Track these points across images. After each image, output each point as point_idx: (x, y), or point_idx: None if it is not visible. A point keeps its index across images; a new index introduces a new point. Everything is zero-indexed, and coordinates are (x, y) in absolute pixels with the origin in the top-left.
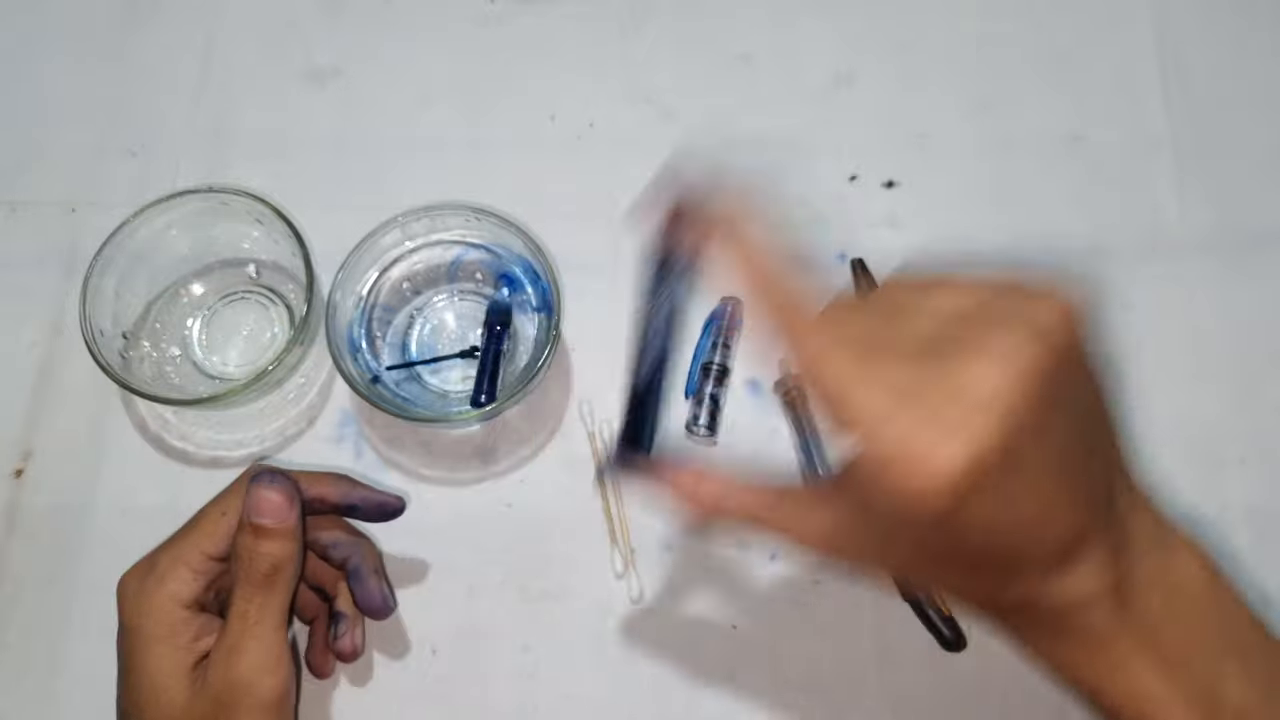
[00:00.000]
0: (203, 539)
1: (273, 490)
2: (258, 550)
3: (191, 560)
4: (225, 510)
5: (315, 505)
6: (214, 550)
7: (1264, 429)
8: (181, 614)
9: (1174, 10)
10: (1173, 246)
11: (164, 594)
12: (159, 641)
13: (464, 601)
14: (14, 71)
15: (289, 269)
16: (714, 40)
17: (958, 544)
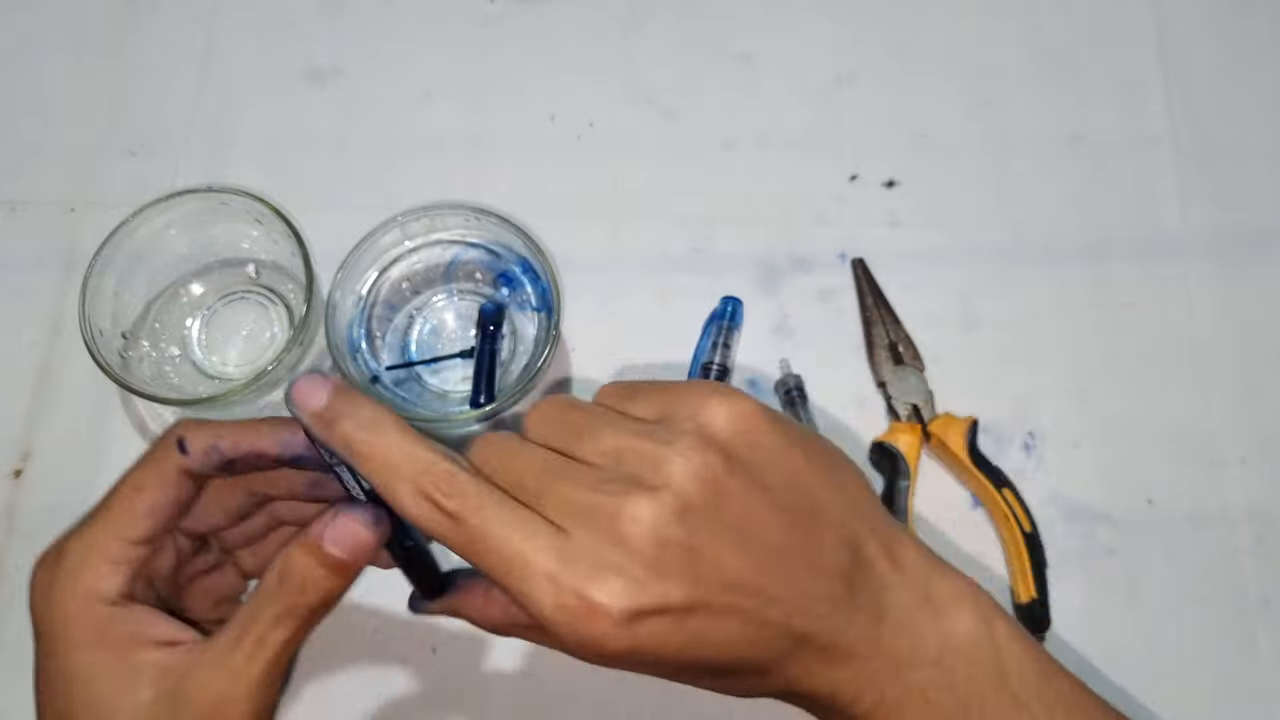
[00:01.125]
0: (118, 524)
1: (366, 527)
2: (316, 580)
3: (109, 550)
4: (141, 485)
5: (250, 462)
6: (134, 535)
7: (1264, 429)
8: (107, 612)
9: (1174, 10)
10: (1173, 246)
11: (80, 592)
12: (86, 649)
13: None
14: (14, 70)
15: (288, 269)
16: (714, 40)
17: (671, 667)
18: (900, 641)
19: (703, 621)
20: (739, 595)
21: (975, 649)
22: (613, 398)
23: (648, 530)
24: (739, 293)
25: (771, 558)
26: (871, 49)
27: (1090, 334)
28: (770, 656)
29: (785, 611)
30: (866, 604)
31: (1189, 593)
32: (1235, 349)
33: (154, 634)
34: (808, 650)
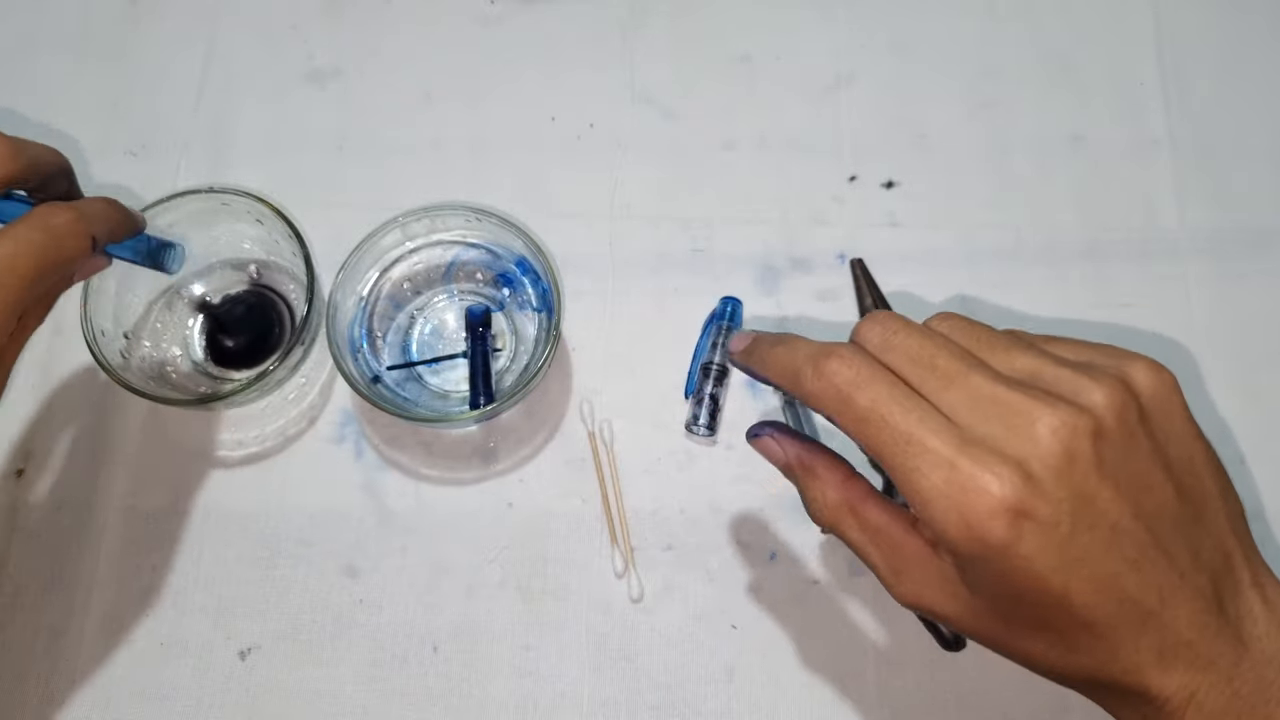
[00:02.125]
0: None
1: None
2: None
3: None
4: None
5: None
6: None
7: (1263, 429)
8: None
9: (1174, 11)
10: (1171, 246)
11: None
12: None
13: (464, 600)
14: (15, 71)
15: (290, 269)
16: (714, 41)
17: (1015, 589)
18: (1267, 677)
19: (1080, 552)
20: (1122, 541)
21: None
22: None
23: (1061, 439)
24: (739, 293)
25: (1158, 521)
26: (871, 49)
27: (1089, 334)
28: (1120, 621)
29: (1155, 579)
30: (1232, 619)
31: None
32: (1233, 349)
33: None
34: (1158, 635)
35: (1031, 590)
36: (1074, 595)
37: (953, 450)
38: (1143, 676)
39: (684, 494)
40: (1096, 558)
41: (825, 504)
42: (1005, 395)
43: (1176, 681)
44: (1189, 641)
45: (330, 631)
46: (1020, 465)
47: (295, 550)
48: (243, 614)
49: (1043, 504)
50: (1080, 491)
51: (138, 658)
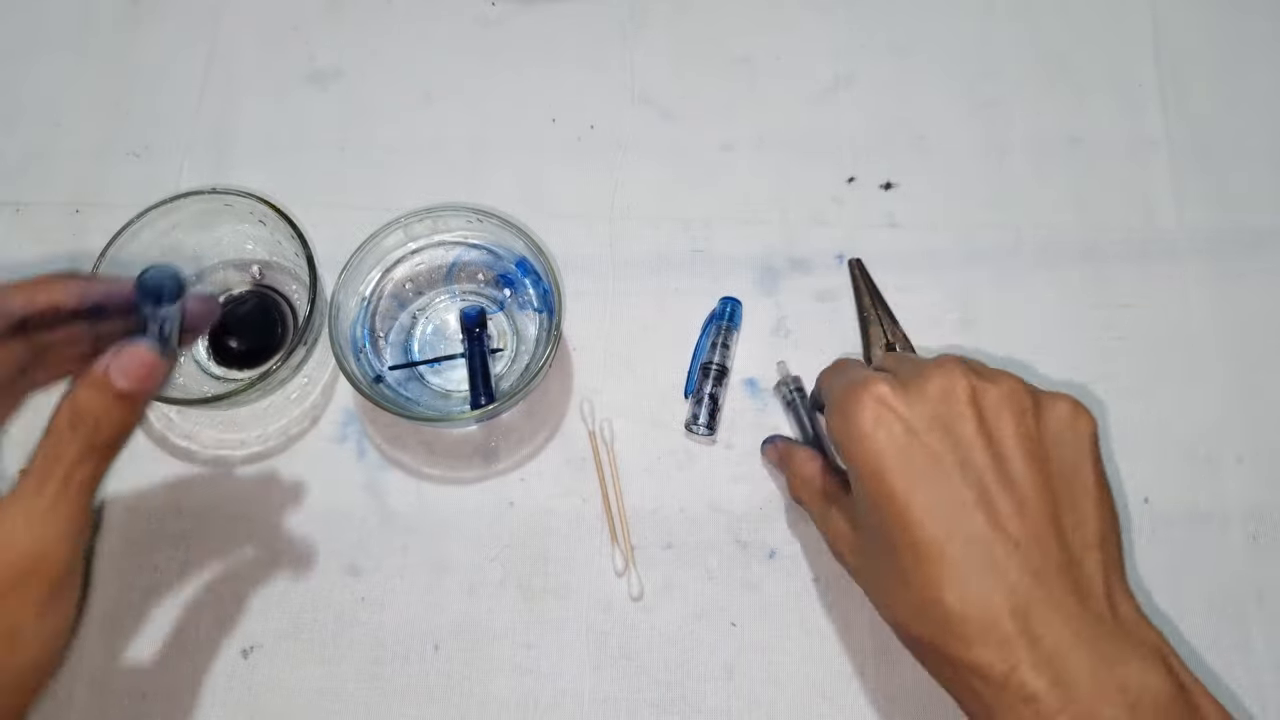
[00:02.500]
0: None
1: (150, 350)
2: (111, 415)
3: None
4: None
5: (48, 318)
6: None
7: (1262, 429)
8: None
9: (1172, 12)
10: (1170, 247)
11: None
12: None
13: (465, 599)
14: (17, 72)
15: (292, 269)
16: (713, 42)
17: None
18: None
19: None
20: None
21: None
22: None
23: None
24: (738, 293)
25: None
26: (870, 51)
27: (1087, 334)
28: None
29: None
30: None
31: (1185, 591)
32: (1232, 348)
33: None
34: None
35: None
36: (913, 509)
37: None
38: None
39: (684, 493)
40: (939, 480)
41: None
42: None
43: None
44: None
45: (332, 630)
46: (902, 381)
47: (297, 549)
48: (244, 613)
49: (905, 407)
50: (942, 415)
51: (139, 657)
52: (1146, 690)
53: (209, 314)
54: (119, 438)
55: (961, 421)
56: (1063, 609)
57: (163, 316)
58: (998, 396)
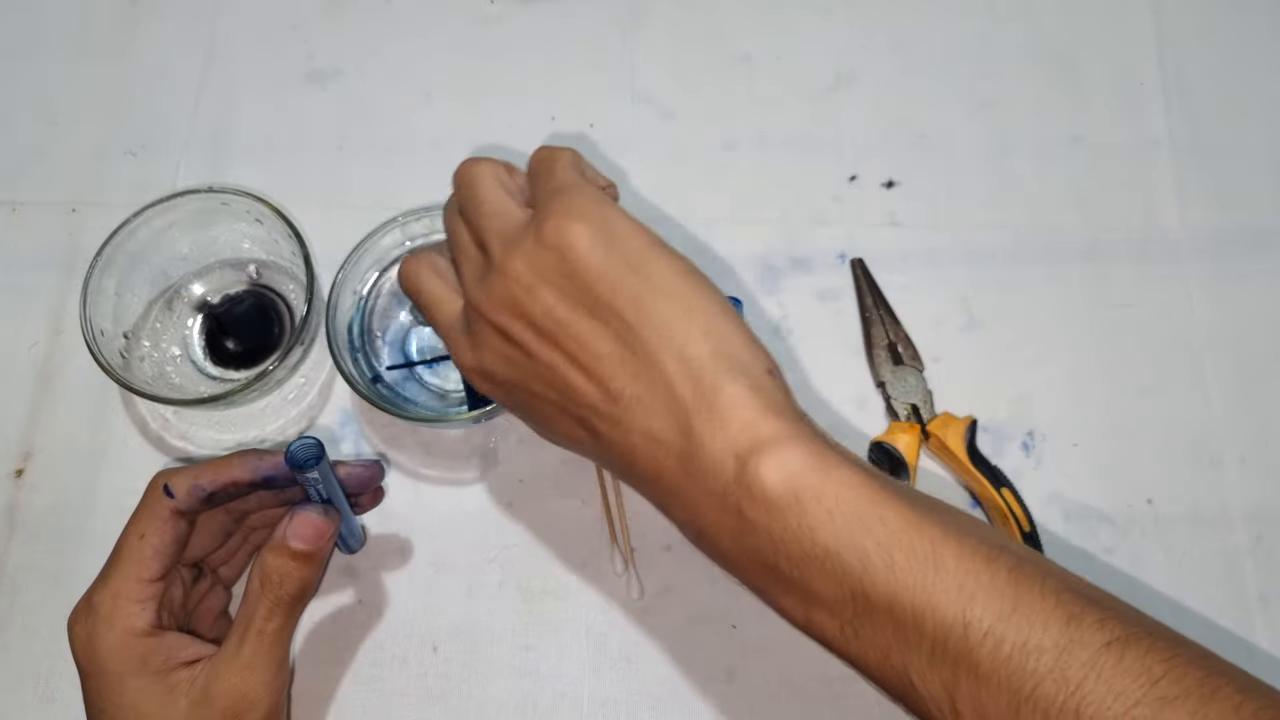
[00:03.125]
0: (135, 568)
1: (319, 517)
2: (290, 573)
3: (133, 592)
4: (143, 533)
5: (229, 492)
6: (149, 575)
7: (1263, 429)
8: (145, 644)
9: (1174, 11)
10: (1171, 246)
11: (118, 633)
12: (132, 676)
13: (464, 600)
14: (14, 71)
15: (289, 269)
16: (714, 40)
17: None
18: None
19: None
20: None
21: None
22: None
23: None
24: (739, 293)
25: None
26: (871, 49)
27: (1089, 334)
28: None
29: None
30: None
31: (1188, 592)
32: (1234, 349)
33: (183, 655)
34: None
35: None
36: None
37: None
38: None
39: None
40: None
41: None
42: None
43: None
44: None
45: (329, 632)
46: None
47: None
48: None
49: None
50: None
51: None
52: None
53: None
54: (302, 593)
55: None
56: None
57: (313, 481)
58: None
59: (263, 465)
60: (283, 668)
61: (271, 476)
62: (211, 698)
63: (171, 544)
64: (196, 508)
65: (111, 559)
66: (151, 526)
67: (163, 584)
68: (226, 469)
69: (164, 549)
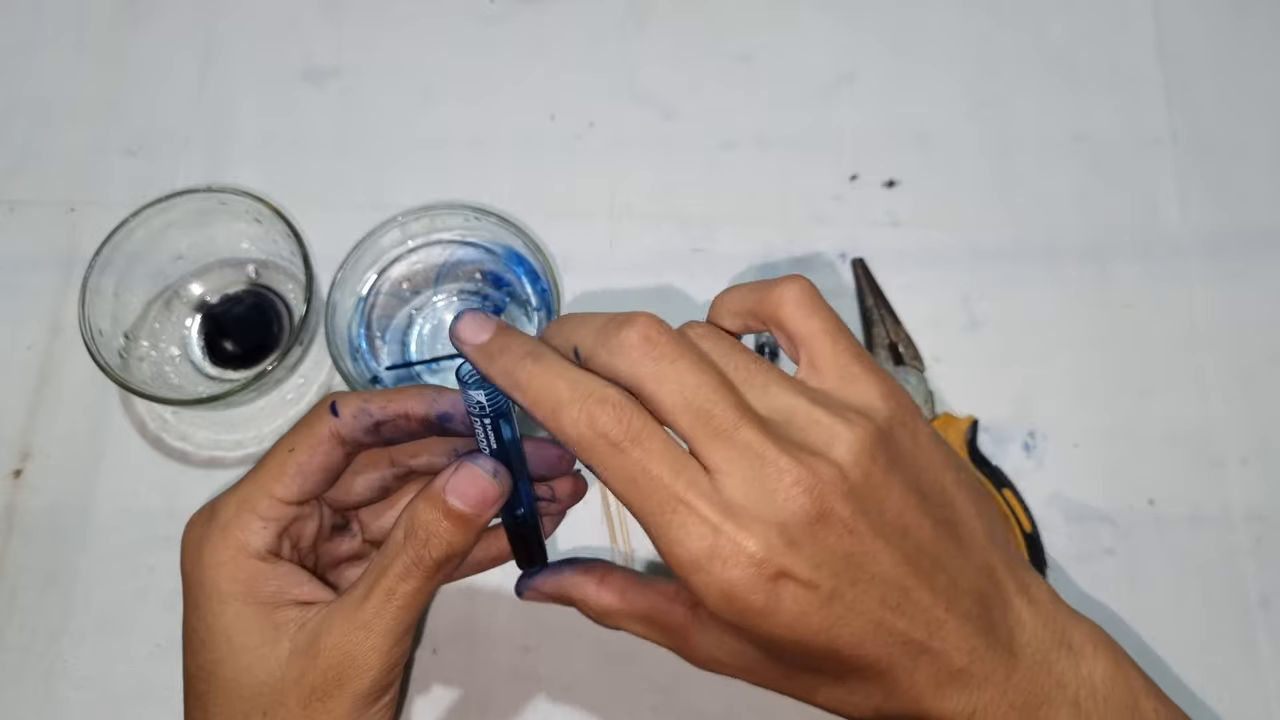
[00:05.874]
0: (270, 481)
1: (488, 479)
2: (439, 532)
3: (259, 506)
4: (293, 446)
5: (399, 425)
6: (284, 494)
7: (1264, 429)
8: (255, 566)
9: (1175, 10)
10: (1173, 245)
11: (231, 545)
12: (234, 599)
13: (464, 602)
14: (13, 70)
15: (288, 269)
16: (714, 40)
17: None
18: (1039, 681)
19: (842, 608)
20: (884, 588)
21: (1113, 694)
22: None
23: (815, 500)
24: None
25: (919, 560)
26: (871, 49)
27: (1090, 334)
28: (895, 660)
29: (923, 616)
30: (1003, 636)
31: (1189, 593)
32: (1236, 349)
33: (296, 592)
34: (935, 665)
35: (799, 646)
36: (842, 648)
37: (718, 517)
38: (922, 706)
39: None
40: (860, 609)
41: (599, 615)
42: (768, 452)
43: (954, 704)
44: (961, 667)
45: None
46: (779, 530)
47: None
48: None
49: (800, 568)
50: (836, 550)
51: (137, 658)
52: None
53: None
54: (448, 558)
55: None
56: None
57: (479, 410)
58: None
59: (440, 400)
60: (405, 637)
61: (447, 414)
62: (318, 649)
63: (320, 468)
64: (360, 436)
65: (253, 469)
66: (304, 441)
67: (296, 510)
68: (400, 398)
69: (310, 471)
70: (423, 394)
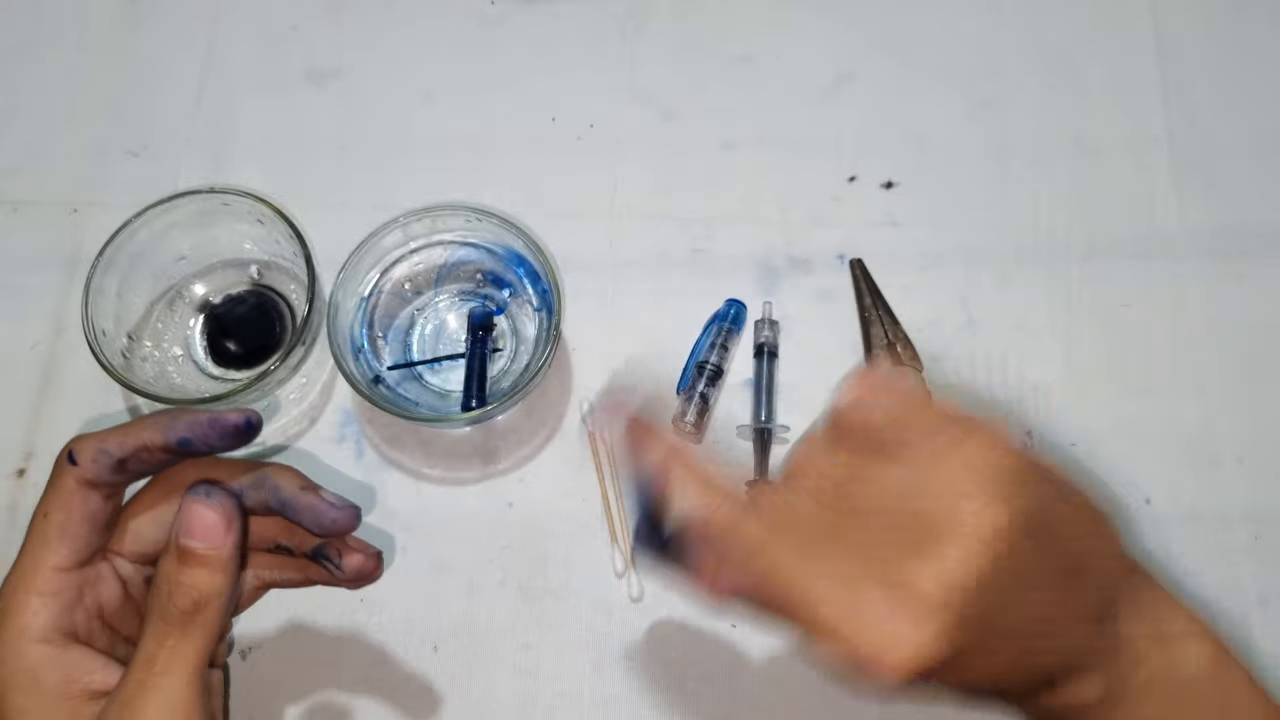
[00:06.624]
0: (38, 552)
1: (209, 506)
2: (179, 580)
3: (34, 583)
4: (46, 511)
5: (142, 458)
6: (56, 561)
7: (1261, 429)
8: (40, 652)
9: (1173, 12)
10: (1170, 246)
11: (11, 632)
12: (17, 691)
13: (465, 600)
14: (16, 71)
15: (290, 269)
16: (714, 40)
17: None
18: (1135, 675)
19: (973, 663)
20: (1010, 640)
21: (1208, 685)
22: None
23: (940, 592)
24: (738, 293)
25: (1042, 608)
26: (871, 50)
27: (1088, 334)
28: (1024, 689)
29: (1046, 653)
30: (1111, 640)
31: (1186, 592)
32: (1233, 349)
33: (87, 680)
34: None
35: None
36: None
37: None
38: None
39: None
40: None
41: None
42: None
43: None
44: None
45: (331, 631)
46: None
47: None
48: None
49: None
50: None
51: None
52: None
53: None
54: (196, 607)
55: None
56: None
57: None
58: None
59: (176, 426)
60: (187, 707)
61: (186, 439)
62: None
63: (83, 521)
64: (107, 477)
65: (21, 547)
66: (55, 502)
67: (77, 576)
68: (136, 431)
69: (73, 528)
70: (158, 422)
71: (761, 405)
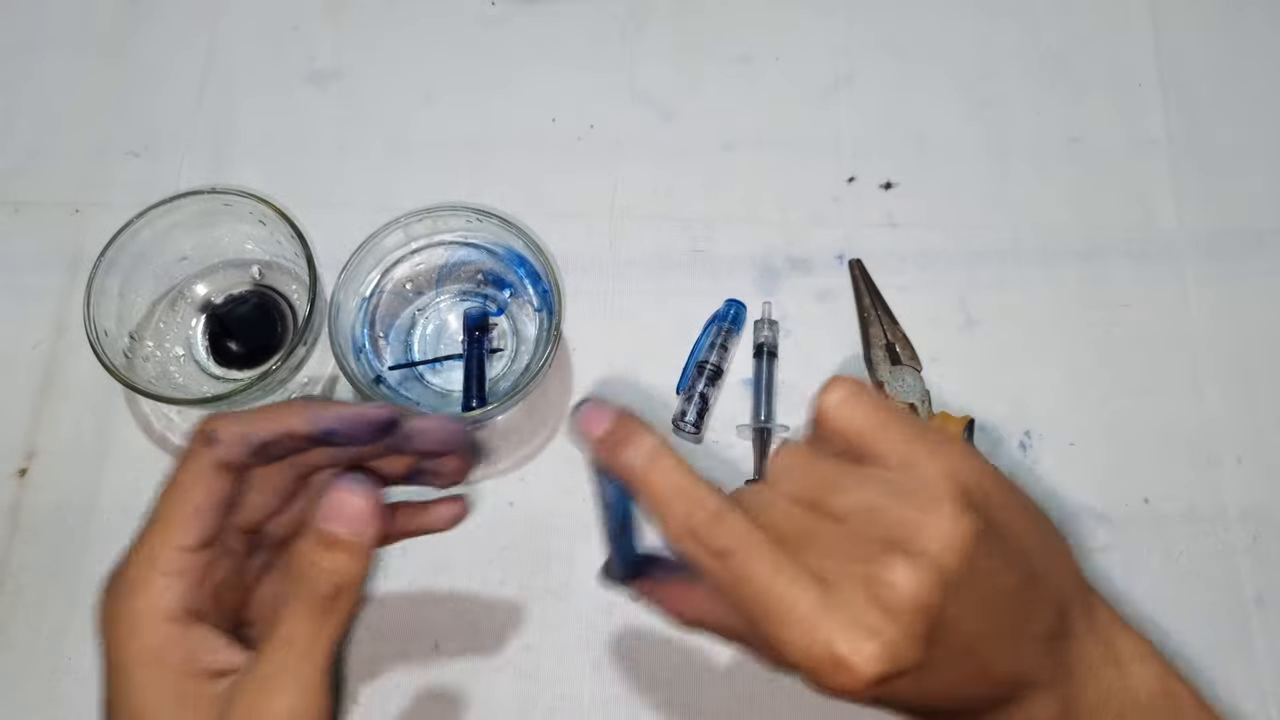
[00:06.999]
0: (169, 531)
1: (357, 494)
2: (321, 564)
3: (163, 562)
4: (182, 486)
5: (284, 444)
6: (186, 541)
7: (1259, 428)
8: (165, 630)
9: (1172, 13)
10: (1169, 247)
11: (138, 609)
12: (141, 667)
13: (465, 599)
14: (16, 72)
15: (292, 269)
16: (714, 41)
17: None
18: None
19: (934, 676)
20: (970, 654)
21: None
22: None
23: (908, 598)
24: (738, 293)
25: (1002, 621)
26: (870, 50)
27: (1086, 334)
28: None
29: (1004, 668)
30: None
31: (1184, 592)
32: (1231, 349)
33: (209, 661)
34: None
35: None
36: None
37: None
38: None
39: None
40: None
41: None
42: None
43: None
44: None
45: None
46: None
47: None
48: None
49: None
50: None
51: None
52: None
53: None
54: (337, 591)
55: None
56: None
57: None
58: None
59: (324, 416)
60: (320, 690)
61: (333, 430)
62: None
63: (215, 504)
64: (247, 461)
65: (148, 518)
66: (190, 480)
67: (203, 555)
68: (282, 418)
69: (205, 509)
70: (305, 412)
71: (761, 405)
